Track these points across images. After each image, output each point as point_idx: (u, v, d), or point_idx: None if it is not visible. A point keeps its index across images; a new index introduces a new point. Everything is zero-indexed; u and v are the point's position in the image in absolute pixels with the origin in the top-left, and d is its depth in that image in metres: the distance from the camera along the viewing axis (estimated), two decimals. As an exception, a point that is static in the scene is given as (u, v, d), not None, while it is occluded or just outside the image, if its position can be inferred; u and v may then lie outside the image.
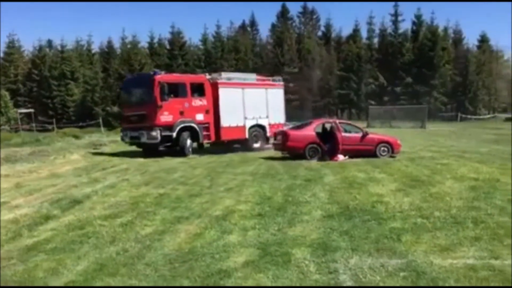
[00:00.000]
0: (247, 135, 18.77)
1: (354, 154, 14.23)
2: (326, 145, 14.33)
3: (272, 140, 17.40)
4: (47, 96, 54.59)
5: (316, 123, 15.41)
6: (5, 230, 6.41)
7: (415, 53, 56.99)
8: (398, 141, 15.13)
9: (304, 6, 64.81)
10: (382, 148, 14.61)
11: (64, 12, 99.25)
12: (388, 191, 8.46)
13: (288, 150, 14.77)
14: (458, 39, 61.97)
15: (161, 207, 7.60)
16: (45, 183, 10.41)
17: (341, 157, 14.05)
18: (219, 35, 62.06)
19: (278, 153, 15.37)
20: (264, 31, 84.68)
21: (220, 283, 4.39)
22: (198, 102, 17.27)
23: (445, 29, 60.75)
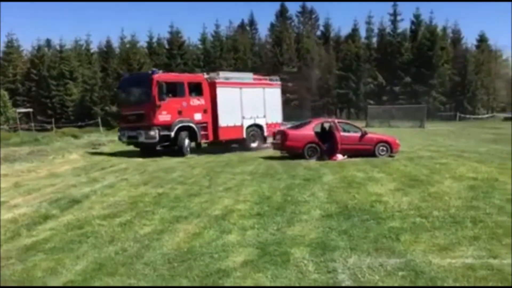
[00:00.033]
0: (245, 135, 18.73)
1: (353, 154, 14.23)
2: (325, 145, 14.34)
3: (271, 140, 17.39)
4: (46, 96, 54.54)
5: (315, 123, 15.42)
6: (4, 230, 6.40)
7: (414, 53, 57.05)
8: (397, 141, 15.14)
9: (303, 6, 64.98)
10: (381, 148, 14.62)
11: (63, 12, 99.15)
12: (387, 191, 8.47)
13: (287, 150, 14.78)
14: (457, 39, 62.03)
15: (160, 207, 7.59)
16: (44, 183, 10.40)
17: (340, 157, 14.06)
18: (218, 35, 62.07)
19: (277, 153, 15.38)
20: (263, 31, 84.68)
21: (219, 283, 4.39)
22: (196, 102, 17.22)
23: (444, 29, 60.90)
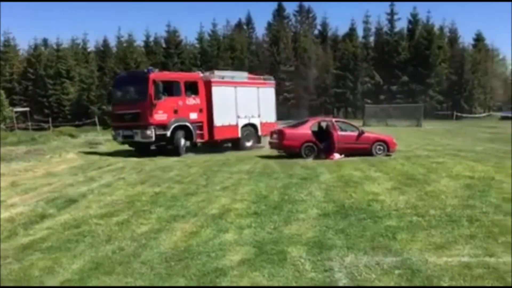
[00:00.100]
0: (240, 134, 18.65)
1: (350, 153, 14.25)
2: (322, 144, 14.36)
3: (266, 139, 17.37)
4: (43, 95, 54.46)
5: (312, 122, 15.45)
6: (1, 229, 6.38)
7: (411, 52, 57.20)
8: (394, 140, 15.18)
9: (300, 5, 65.10)
10: (378, 147, 14.65)
11: (60, 11, 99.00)
12: (384, 190, 8.48)
13: (284, 149, 14.80)
14: (454, 38, 62.23)
15: (157, 206, 7.57)
16: (41, 182, 10.36)
17: (337, 156, 14.08)
18: (215, 34, 62.13)
19: (274, 152, 15.39)
20: (260, 30, 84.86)
21: (216, 282, 4.38)
22: (192, 101, 17.10)
23: (441, 28, 61.09)
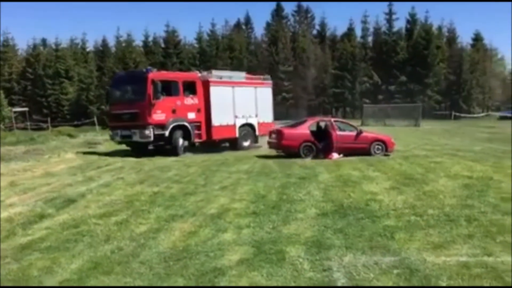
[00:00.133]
0: (237, 134, 18.63)
1: (349, 153, 14.26)
2: (321, 144, 14.37)
3: (263, 139, 17.36)
4: (42, 95, 54.39)
5: (311, 122, 15.46)
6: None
7: (409, 52, 57.19)
8: (392, 140, 15.19)
9: (299, 5, 65.10)
10: (376, 147, 14.66)
11: (59, 11, 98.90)
12: (382, 189, 8.49)
13: (283, 149, 14.81)
14: (452, 38, 62.24)
15: (156, 206, 7.58)
16: (40, 182, 10.36)
17: (336, 155, 14.09)
18: (214, 34, 62.11)
19: (273, 152, 15.39)
20: (259, 30, 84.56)
21: (215, 281, 4.39)
22: (190, 101, 17.05)
23: (439, 28, 61.08)
